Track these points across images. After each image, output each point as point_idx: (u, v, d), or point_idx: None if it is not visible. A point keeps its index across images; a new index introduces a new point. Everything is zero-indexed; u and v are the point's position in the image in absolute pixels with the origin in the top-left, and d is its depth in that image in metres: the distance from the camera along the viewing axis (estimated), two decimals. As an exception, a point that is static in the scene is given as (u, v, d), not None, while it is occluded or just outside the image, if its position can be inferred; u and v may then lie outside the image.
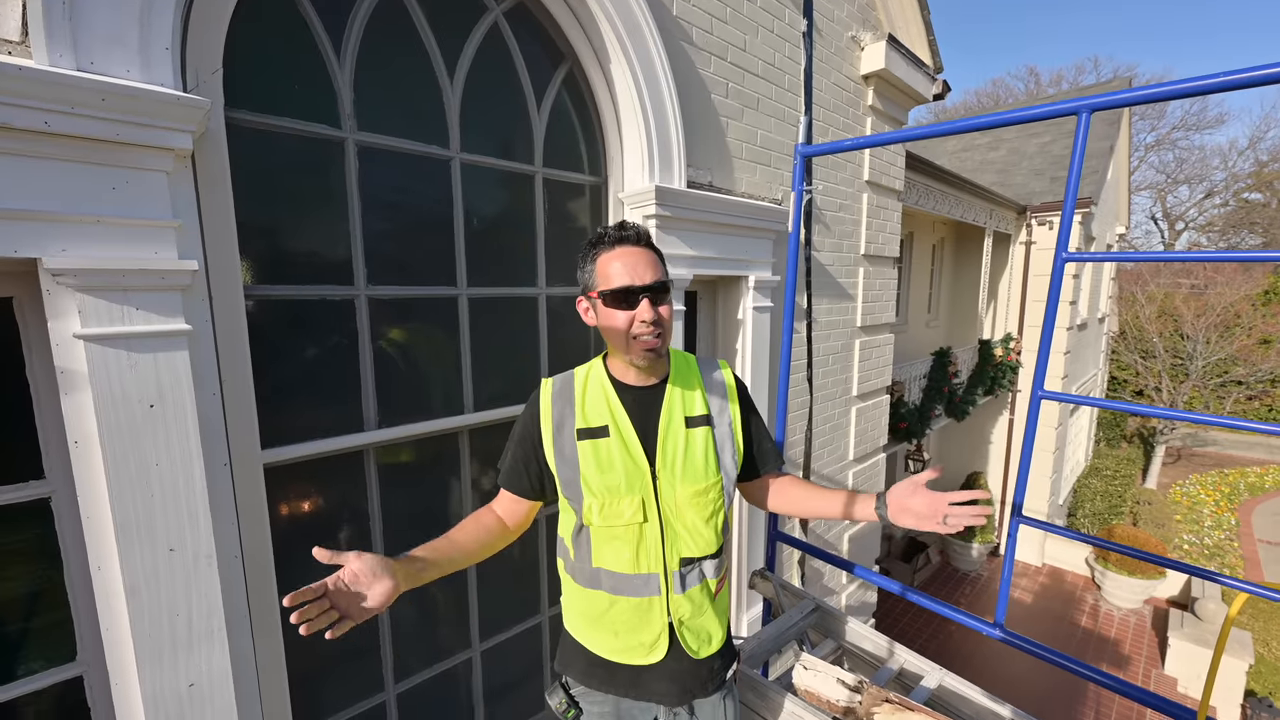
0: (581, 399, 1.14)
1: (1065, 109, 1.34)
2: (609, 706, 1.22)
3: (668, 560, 1.12)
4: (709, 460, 1.15)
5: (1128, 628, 7.75)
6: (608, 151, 2.01)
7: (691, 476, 1.12)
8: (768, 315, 2.52)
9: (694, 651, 1.16)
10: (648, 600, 1.12)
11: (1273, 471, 14.67)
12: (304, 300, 1.42)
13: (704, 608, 1.16)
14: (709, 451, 1.15)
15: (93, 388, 1.01)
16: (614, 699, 1.21)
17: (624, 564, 1.11)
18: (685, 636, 1.15)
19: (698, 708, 1.22)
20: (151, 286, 1.05)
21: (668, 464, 1.11)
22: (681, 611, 1.13)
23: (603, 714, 1.22)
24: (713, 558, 1.16)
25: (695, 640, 1.16)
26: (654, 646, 1.14)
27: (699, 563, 1.15)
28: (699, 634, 1.16)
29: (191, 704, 1.16)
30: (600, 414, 1.12)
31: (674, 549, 1.12)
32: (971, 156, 10.53)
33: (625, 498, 1.09)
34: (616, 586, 1.12)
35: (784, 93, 2.52)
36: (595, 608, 1.15)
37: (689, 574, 1.14)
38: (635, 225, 1.13)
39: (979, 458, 9.32)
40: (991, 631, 1.73)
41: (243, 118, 1.27)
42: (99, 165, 0.99)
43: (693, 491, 1.12)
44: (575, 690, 1.23)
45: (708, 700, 1.22)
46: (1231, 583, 1.42)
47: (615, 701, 1.21)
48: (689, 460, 1.12)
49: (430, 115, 1.60)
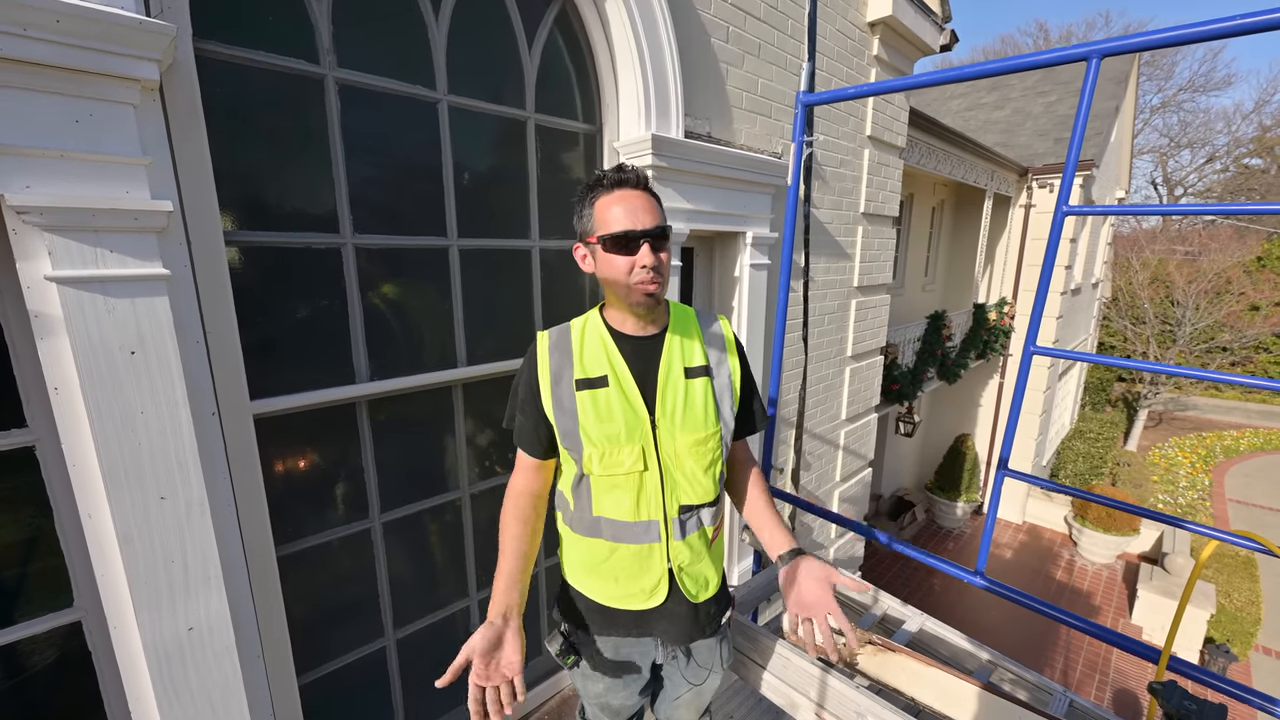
0: (579, 349, 1.13)
1: (1075, 54, 1.29)
2: (608, 651, 1.24)
3: (668, 508, 1.13)
4: (708, 410, 1.15)
5: (1100, 581, 8.09)
6: (603, 97, 1.93)
7: (691, 425, 1.12)
8: (765, 273, 2.48)
9: (693, 596, 1.18)
10: (648, 547, 1.14)
11: (1248, 435, 15.07)
12: (289, 248, 1.37)
13: (701, 554, 1.19)
14: (708, 401, 1.15)
15: (69, 333, 0.98)
16: (613, 642, 1.23)
17: (625, 512, 1.12)
18: (684, 582, 1.17)
19: (694, 649, 1.26)
20: (124, 228, 1.01)
21: (667, 413, 1.11)
22: (681, 558, 1.15)
23: (600, 658, 1.25)
24: (710, 506, 1.18)
25: (694, 585, 1.19)
26: (654, 592, 1.16)
27: (697, 510, 1.16)
28: (697, 579, 1.19)
29: (191, 647, 1.18)
30: (599, 364, 1.11)
31: (674, 497, 1.13)
32: (976, 116, 10.29)
33: (625, 447, 1.09)
34: (617, 534, 1.13)
35: (786, 39, 2.41)
36: (595, 556, 1.16)
37: (688, 521, 1.15)
38: (634, 168, 1.09)
39: (968, 420, 9.48)
40: (972, 579, 1.78)
41: (213, 49, 1.19)
42: (59, 95, 0.93)
43: (692, 440, 1.12)
44: (575, 637, 1.25)
45: (704, 642, 1.26)
46: (1199, 529, 1.46)
47: (614, 645, 1.24)
48: (689, 410, 1.12)
49: (415, 54, 1.52)
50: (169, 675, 1.16)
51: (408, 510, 1.71)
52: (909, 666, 1.45)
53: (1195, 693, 0.99)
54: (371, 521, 1.63)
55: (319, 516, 1.54)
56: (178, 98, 1.12)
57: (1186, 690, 0.95)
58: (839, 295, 3.16)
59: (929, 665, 1.43)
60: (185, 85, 1.13)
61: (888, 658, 1.49)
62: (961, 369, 6.96)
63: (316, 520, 1.54)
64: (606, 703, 1.33)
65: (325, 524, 1.55)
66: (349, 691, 1.67)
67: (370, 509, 1.62)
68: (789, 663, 1.57)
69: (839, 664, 1.56)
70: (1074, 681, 6.19)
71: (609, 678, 1.27)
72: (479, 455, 1.87)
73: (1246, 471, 12.82)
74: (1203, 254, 15.25)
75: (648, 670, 1.31)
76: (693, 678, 1.30)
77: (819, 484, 3.40)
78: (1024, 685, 1.54)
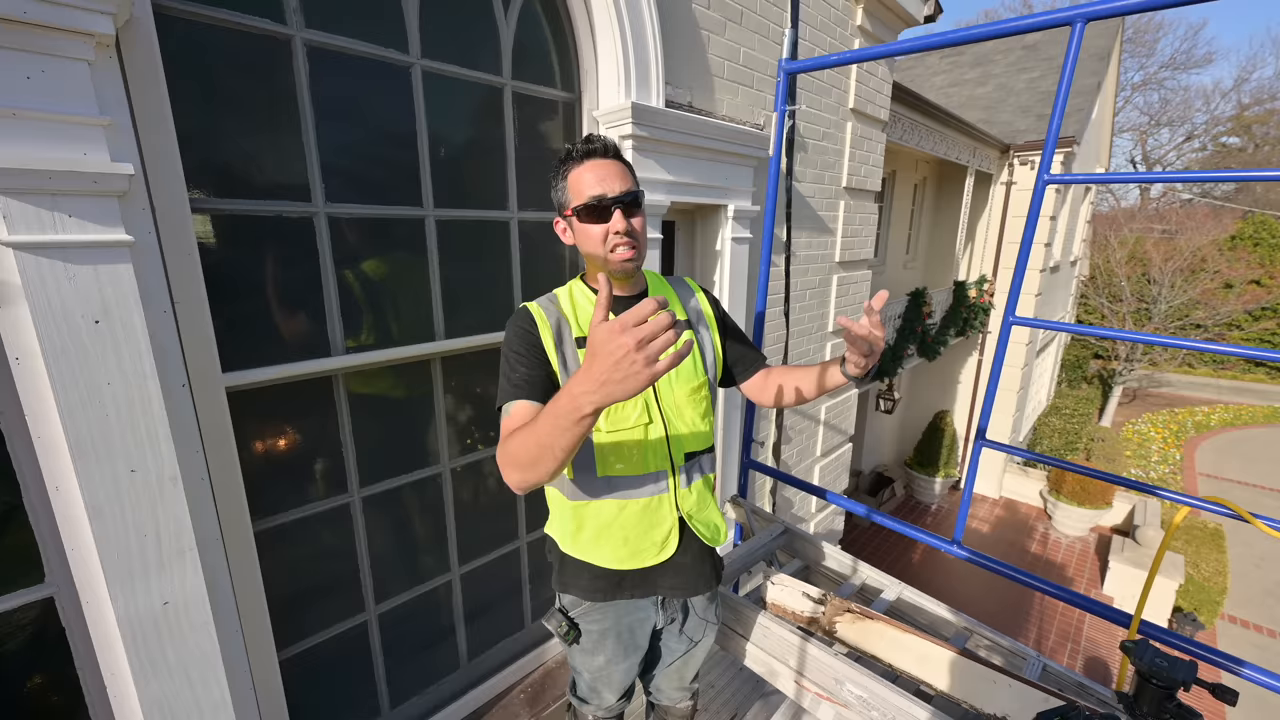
0: (572, 312, 1.15)
1: (1060, 18, 1.29)
2: (609, 623, 1.24)
3: (674, 457, 1.16)
4: (697, 360, 1.21)
5: (1073, 553, 8.36)
6: (581, 64, 1.89)
7: (685, 375, 1.19)
8: (746, 247, 2.48)
9: (710, 540, 1.23)
10: (657, 499, 1.16)
11: (1219, 410, 15.53)
12: (259, 216, 1.34)
13: (707, 500, 1.24)
14: (695, 352, 1.22)
15: (28, 300, 0.95)
16: (614, 614, 1.23)
17: (633, 466, 1.13)
18: (698, 528, 1.21)
19: (693, 604, 1.31)
20: (84, 190, 0.97)
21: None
22: (688, 505, 1.19)
23: (602, 630, 1.25)
24: (709, 452, 1.25)
25: (707, 530, 1.23)
26: (665, 543, 1.18)
27: (699, 457, 1.22)
28: (708, 524, 1.24)
29: (167, 621, 1.17)
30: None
31: (679, 446, 1.17)
32: (959, 92, 10.27)
33: (629, 402, 1.10)
34: (626, 491, 1.14)
35: (769, 6, 2.37)
36: (602, 518, 1.15)
37: (692, 469, 1.21)
38: (602, 137, 1.11)
39: (947, 397, 9.64)
40: (950, 548, 1.82)
41: (173, 5, 1.14)
42: (8, 49, 0.88)
43: (689, 389, 1.19)
44: (574, 612, 1.25)
45: (701, 598, 1.31)
46: (1171, 495, 1.51)
47: (615, 616, 1.24)
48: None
49: (387, 15, 1.47)
50: (145, 650, 1.15)
51: (387, 485, 1.70)
52: (887, 634, 1.49)
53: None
54: (351, 496, 1.62)
55: (297, 491, 1.53)
56: (136, 56, 1.08)
57: (1157, 648, 0.98)
58: (821, 270, 3.17)
59: (907, 632, 1.46)
60: (144, 43, 1.08)
61: (866, 625, 1.53)
62: (941, 346, 7.06)
63: (294, 495, 1.53)
64: (609, 675, 1.32)
65: (303, 499, 1.54)
66: (331, 666, 1.68)
67: (349, 483, 1.61)
68: (769, 632, 1.60)
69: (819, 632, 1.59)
70: (1048, 649, 6.43)
71: (611, 649, 1.27)
72: (459, 429, 1.86)
73: (1217, 446, 13.23)
74: (1179, 232, 15.54)
75: (647, 640, 1.32)
76: (693, 632, 1.33)
77: (800, 459, 3.45)
78: (999, 650, 1.59)
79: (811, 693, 1.45)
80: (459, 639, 1.99)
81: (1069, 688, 1.42)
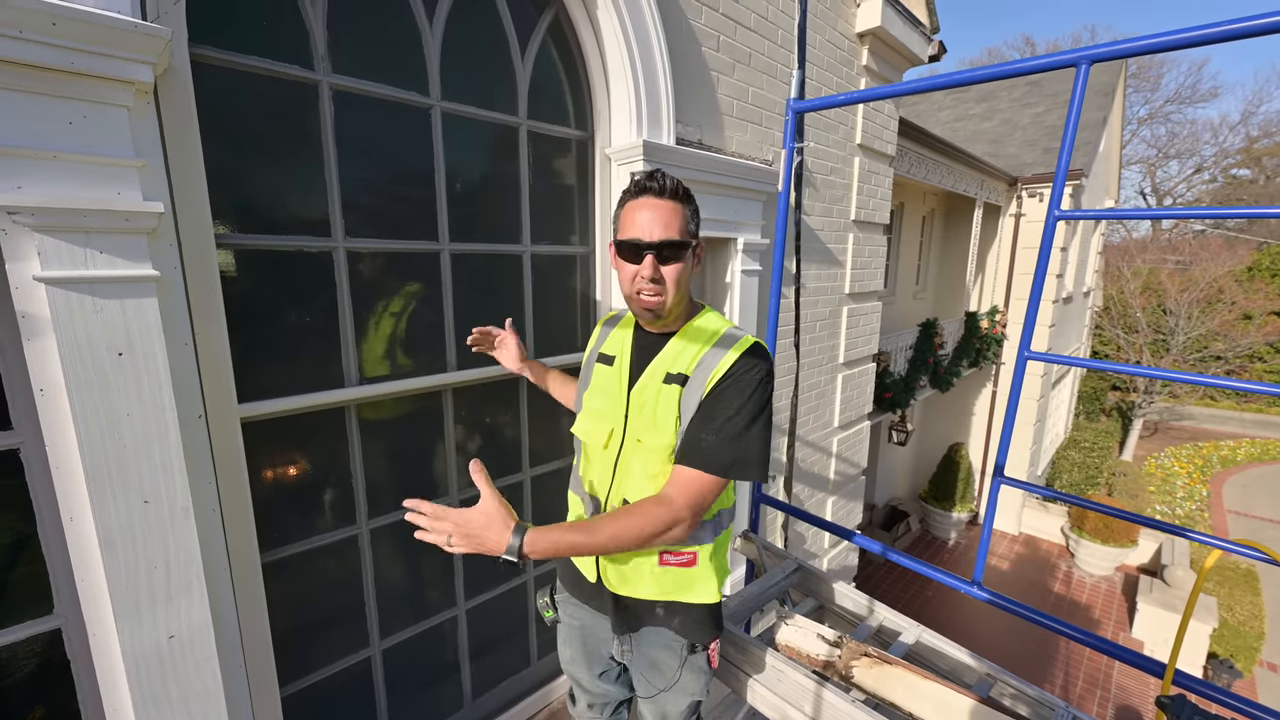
0: (618, 329, 1.25)
1: (1064, 60, 1.31)
2: (578, 622, 1.31)
3: (611, 494, 1.16)
4: (669, 420, 1.07)
5: (1099, 593, 8.04)
6: (594, 104, 1.95)
7: (649, 428, 1.10)
8: (756, 279, 2.50)
9: (611, 585, 1.18)
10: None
11: (1245, 445, 15.11)
12: (280, 251, 1.37)
13: (637, 562, 1.14)
14: (671, 411, 1.07)
15: (56, 334, 0.97)
16: (583, 615, 1.30)
17: (588, 480, 1.21)
18: (605, 570, 1.18)
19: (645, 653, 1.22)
20: (115, 229, 1.01)
21: (636, 408, 1.14)
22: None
23: (571, 627, 1.33)
24: None
25: (616, 577, 1.17)
26: (590, 567, 1.22)
27: None
28: (623, 575, 1.16)
29: (171, 655, 1.15)
30: (617, 345, 1.22)
31: (619, 487, 1.15)
32: (965, 126, 10.42)
33: (600, 421, 1.17)
34: (584, 497, 1.23)
35: (776, 48, 2.45)
36: (575, 510, 1.28)
37: None
38: (664, 175, 1.06)
39: (961, 429, 9.48)
40: (969, 589, 1.77)
41: (209, 54, 1.20)
42: (54, 97, 0.93)
43: (645, 443, 1.10)
44: (559, 595, 1.34)
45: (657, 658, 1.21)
46: (1203, 538, 1.46)
47: (583, 619, 1.30)
48: (653, 413, 1.11)
49: (409, 60, 1.53)
50: (148, 685, 1.13)
51: (396, 516, 1.70)
52: (906, 680, 1.43)
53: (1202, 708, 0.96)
54: (359, 528, 1.61)
55: (305, 522, 1.53)
56: (172, 101, 1.13)
57: (1196, 704, 0.93)
58: (831, 302, 3.18)
59: (927, 679, 1.40)
60: (180, 89, 1.14)
61: (885, 670, 1.47)
62: (954, 377, 6.98)
63: (303, 526, 1.52)
64: (574, 675, 1.39)
65: (312, 530, 1.54)
66: (333, 702, 1.64)
67: (358, 515, 1.61)
68: (783, 675, 1.55)
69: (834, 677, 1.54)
70: (1075, 697, 6.13)
71: (575, 647, 1.34)
72: (468, 461, 1.86)
73: (1244, 482, 12.83)
74: (1194, 263, 15.40)
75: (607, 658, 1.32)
76: (641, 689, 1.28)
77: (810, 493, 3.39)
78: (1024, 700, 1.52)
79: (828, 741, 1.39)
80: (463, 676, 1.95)
81: (1100, 741, 1.35)
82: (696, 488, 1.02)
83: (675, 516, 1.00)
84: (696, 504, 1.02)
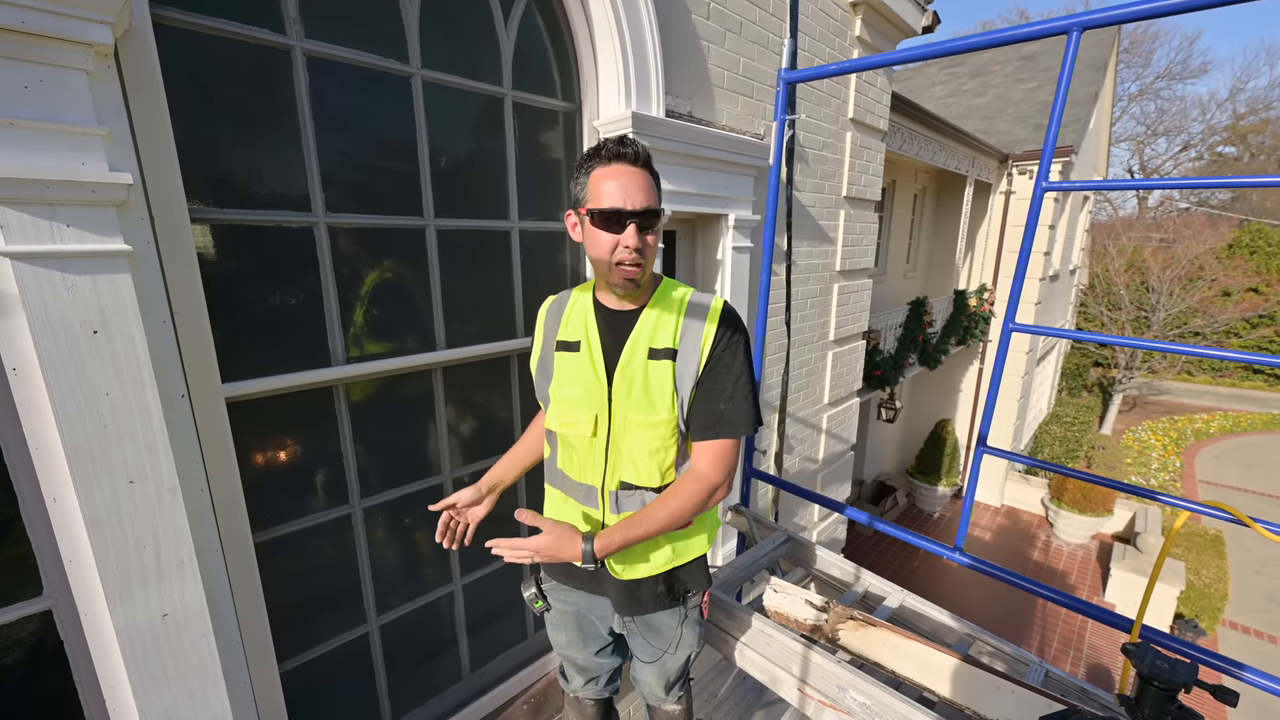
0: (568, 314, 1.20)
1: (1056, 26, 1.29)
2: (571, 607, 1.31)
3: (607, 479, 1.15)
4: (663, 395, 1.09)
5: (1075, 560, 8.32)
6: (582, 74, 1.90)
7: (642, 406, 1.10)
8: (747, 256, 2.48)
9: (615, 572, 1.18)
10: (587, 511, 1.20)
11: (1218, 418, 15.52)
12: (258, 226, 1.33)
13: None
14: (665, 386, 1.10)
15: (26, 310, 0.94)
16: (576, 599, 1.30)
17: (573, 470, 1.19)
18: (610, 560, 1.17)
19: (649, 623, 1.26)
20: (81, 201, 0.97)
21: (623, 389, 1.11)
22: None
23: (564, 613, 1.33)
24: (655, 491, 1.14)
25: (619, 561, 1.17)
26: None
27: (639, 491, 1.15)
28: (627, 555, 1.16)
29: (167, 633, 1.15)
30: (577, 330, 1.17)
31: (615, 470, 1.15)
32: (958, 102, 10.35)
33: (581, 410, 1.14)
34: (567, 489, 1.22)
35: (768, 17, 2.39)
36: (553, 504, 1.26)
37: (627, 498, 1.15)
38: (636, 143, 1.05)
39: (948, 406, 9.63)
40: (952, 555, 1.81)
41: (172, 16, 1.15)
42: (7, 59, 0.89)
43: (641, 421, 1.10)
44: (546, 585, 1.31)
45: (658, 620, 1.26)
46: (1172, 500, 1.51)
47: (576, 602, 1.30)
48: (645, 390, 1.10)
49: (386, 26, 1.47)
50: (144, 663, 1.13)
51: (389, 496, 1.69)
52: (890, 641, 1.48)
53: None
54: (352, 507, 1.61)
55: (298, 502, 1.52)
56: (135, 65, 1.08)
57: (1159, 651, 0.98)
58: (821, 279, 3.18)
59: (910, 639, 1.45)
60: (143, 53, 1.09)
61: (869, 632, 1.51)
62: (942, 355, 7.06)
63: (295, 506, 1.52)
64: (569, 657, 1.40)
65: (304, 510, 1.53)
66: (332, 678, 1.66)
67: (350, 494, 1.60)
68: (771, 639, 1.59)
69: (821, 640, 1.58)
70: (1050, 655, 6.38)
71: (570, 630, 1.34)
72: (460, 440, 1.86)
73: (1216, 453, 13.22)
74: (1177, 241, 15.59)
75: (607, 633, 1.34)
76: (644, 654, 1.31)
77: (801, 467, 3.44)
78: (1002, 657, 1.58)
79: (815, 700, 1.43)
80: (461, 650, 1.97)
81: (1071, 693, 1.41)
82: (727, 456, 1.12)
83: (715, 485, 1.11)
84: (731, 469, 1.13)
